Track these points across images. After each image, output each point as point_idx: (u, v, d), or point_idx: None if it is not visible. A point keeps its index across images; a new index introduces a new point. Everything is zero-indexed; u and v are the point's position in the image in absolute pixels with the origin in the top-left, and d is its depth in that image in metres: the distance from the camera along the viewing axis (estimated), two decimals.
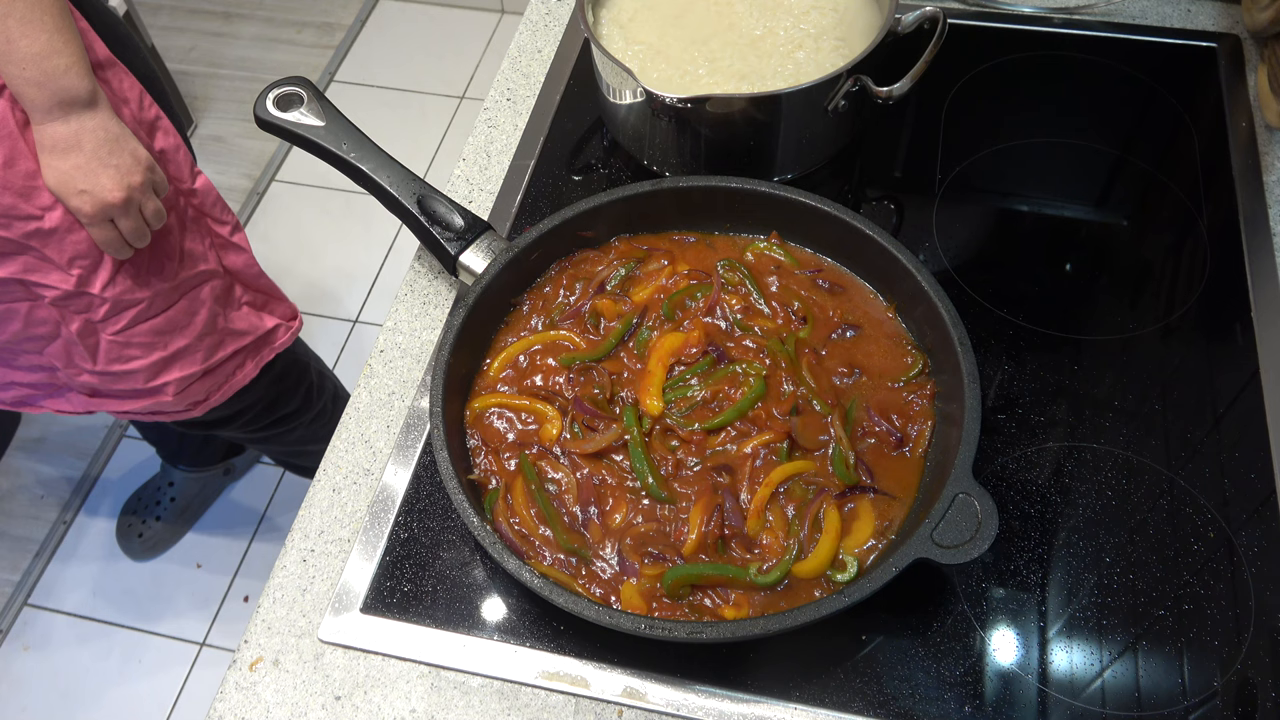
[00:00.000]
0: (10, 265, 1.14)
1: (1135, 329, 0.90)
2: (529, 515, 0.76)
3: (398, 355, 0.93)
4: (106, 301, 1.20)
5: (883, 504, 0.76)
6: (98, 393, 1.32)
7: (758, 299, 0.87)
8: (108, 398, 1.32)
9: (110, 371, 1.26)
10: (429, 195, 0.89)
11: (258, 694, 0.75)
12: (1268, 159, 1.01)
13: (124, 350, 1.25)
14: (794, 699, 0.72)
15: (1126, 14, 1.16)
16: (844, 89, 0.92)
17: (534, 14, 1.22)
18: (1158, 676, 0.72)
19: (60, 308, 1.19)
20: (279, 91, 0.92)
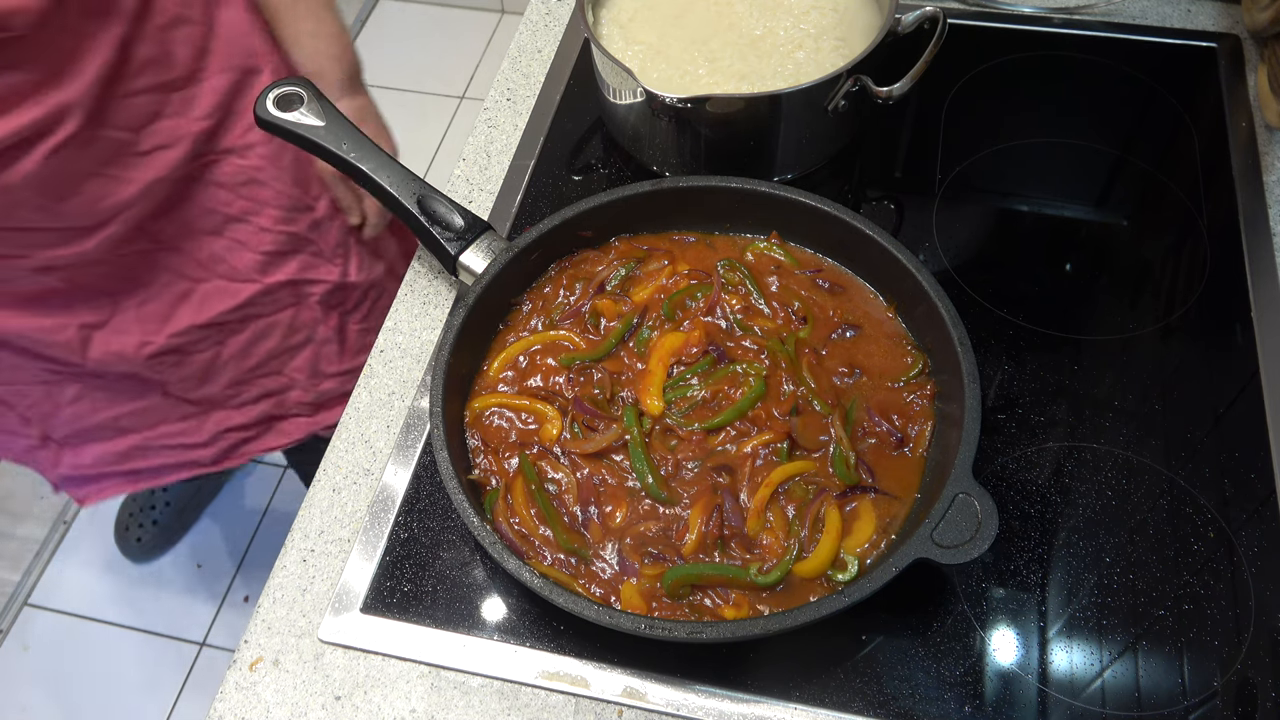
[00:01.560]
0: (289, 266, 1.16)
1: (1135, 329, 0.90)
2: (529, 515, 0.76)
3: (398, 355, 0.93)
4: (358, 287, 1.22)
5: (884, 504, 0.76)
6: (322, 405, 1.29)
7: (758, 299, 0.87)
8: (332, 407, 1.30)
9: (353, 367, 1.27)
10: (429, 195, 0.89)
11: (258, 694, 0.75)
12: (1268, 159, 1.01)
13: (365, 338, 1.28)
14: (794, 699, 0.72)
15: (1126, 14, 1.16)
16: (844, 89, 0.92)
17: (534, 14, 1.22)
18: (1158, 676, 0.72)
19: (324, 305, 1.21)
20: (279, 91, 0.92)
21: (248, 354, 1.21)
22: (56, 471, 1.22)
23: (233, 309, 1.15)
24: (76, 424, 1.15)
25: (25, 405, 1.11)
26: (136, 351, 1.10)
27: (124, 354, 1.10)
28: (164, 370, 1.15)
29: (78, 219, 0.99)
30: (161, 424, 1.21)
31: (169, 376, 1.16)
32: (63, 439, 1.16)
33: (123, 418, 1.18)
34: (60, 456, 1.19)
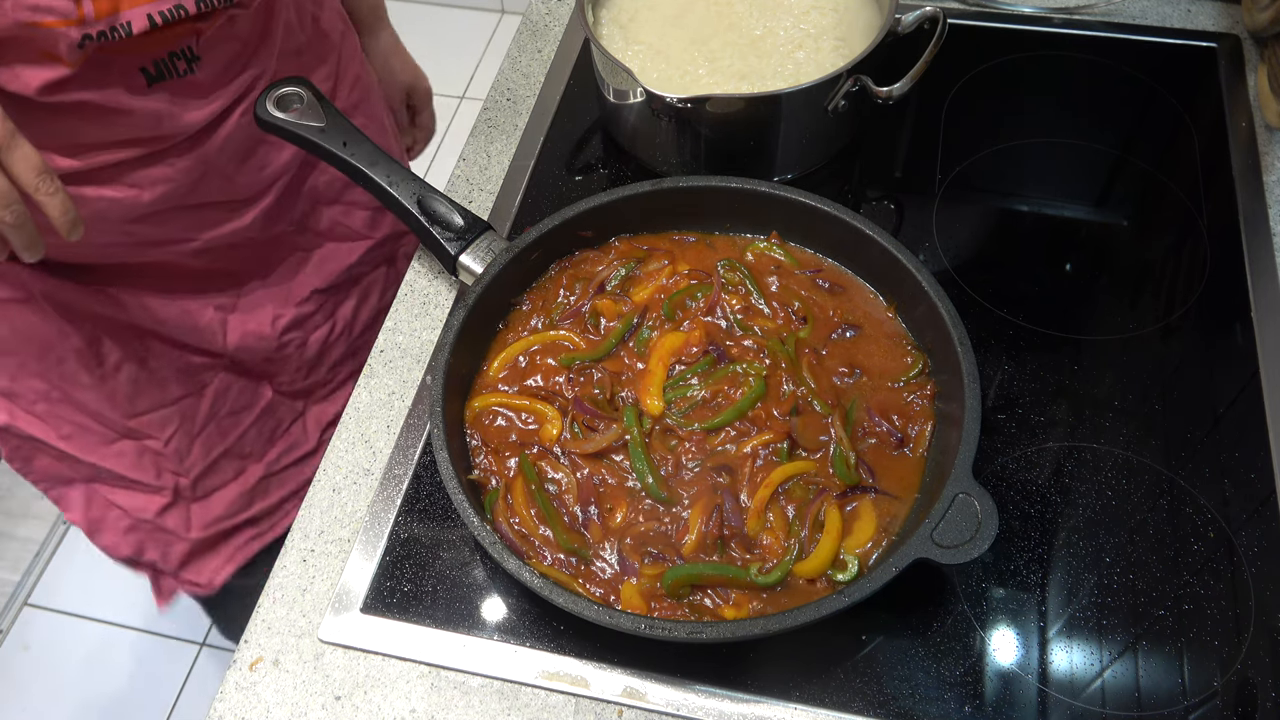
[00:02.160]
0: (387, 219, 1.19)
1: (1135, 329, 0.90)
2: (529, 515, 0.76)
3: (398, 355, 0.93)
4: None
5: (884, 504, 0.76)
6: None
7: (758, 299, 0.87)
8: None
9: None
10: (429, 195, 0.89)
11: (258, 694, 0.75)
12: (1268, 159, 1.01)
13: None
14: (794, 699, 0.72)
15: (1126, 14, 1.16)
16: (844, 89, 0.92)
17: (534, 14, 1.22)
18: (1158, 676, 0.72)
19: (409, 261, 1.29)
20: (279, 91, 0.92)
21: (354, 322, 1.22)
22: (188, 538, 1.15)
23: (346, 269, 1.18)
24: (208, 457, 1.13)
25: (164, 438, 1.08)
26: (271, 328, 1.12)
27: (260, 333, 1.11)
28: (287, 352, 1.16)
29: (245, 189, 1.01)
30: (278, 439, 1.20)
31: (288, 363, 1.17)
32: (194, 483, 1.13)
33: (246, 437, 1.17)
34: (191, 515, 1.14)
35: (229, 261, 1.07)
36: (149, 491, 1.10)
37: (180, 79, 0.87)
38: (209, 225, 1.01)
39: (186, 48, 0.86)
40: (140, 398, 1.06)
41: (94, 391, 1.02)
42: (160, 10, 0.80)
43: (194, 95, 0.90)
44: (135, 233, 0.96)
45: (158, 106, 0.87)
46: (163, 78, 0.86)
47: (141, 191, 0.92)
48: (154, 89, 0.86)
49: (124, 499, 1.10)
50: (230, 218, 1.02)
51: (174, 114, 0.88)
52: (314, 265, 1.15)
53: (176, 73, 0.87)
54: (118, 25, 0.78)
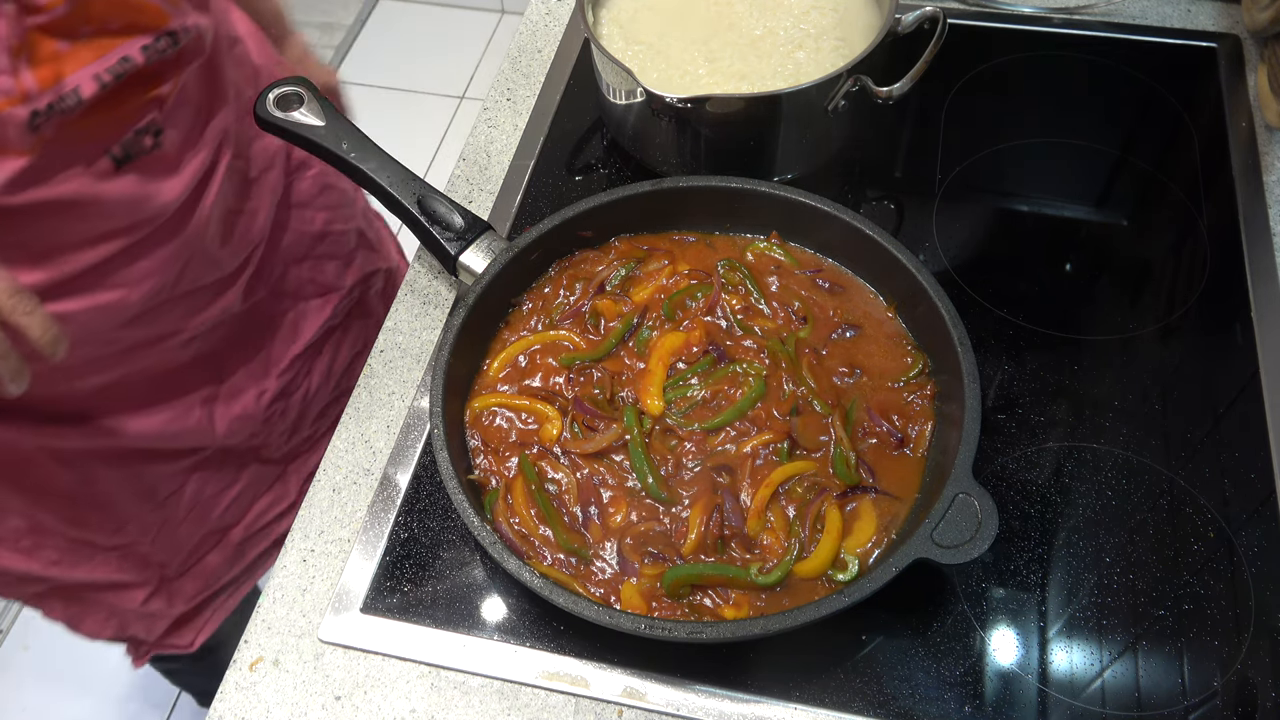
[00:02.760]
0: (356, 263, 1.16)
1: (1135, 329, 0.90)
2: (529, 515, 0.76)
3: (398, 355, 0.93)
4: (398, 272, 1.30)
5: (884, 504, 0.76)
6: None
7: (758, 299, 0.87)
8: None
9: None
10: (429, 195, 0.89)
11: (258, 694, 0.75)
12: (1268, 159, 1.01)
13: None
14: (794, 699, 0.72)
15: (1126, 14, 1.16)
16: (844, 89, 0.92)
17: (534, 14, 1.22)
18: (1158, 676, 0.72)
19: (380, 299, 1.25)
20: (279, 91, 0.92)
21: (331, 373, 1.18)
22: (170, 614, 1.13)
23: (321, 326, 1.13)
24: (190, 541, 1.10)
25: (146, 542, 1.05)
26: (256, 405, 1.07)
27: (247, 413, 1.07)
28: (272, 422, 1.12)
29: (228, 264, 0.97)
30: (257, 500, 1.17)
31: (274, 431, 1.13)
32: (178, 568, 1.10)
33: (228, 511, 1.13)
34: (174, 594, 1.12)
35: (213, 344, 1.02)
36: (133, 588, 1.07)
37: (148, 155, 0.83)
38: (197, 311, 0.96)
39: (150, 120, 0.82)
40: (128, 514, 1.02)
41: (83, 526, 0.99)
42: (107, 68, 0.75)
43: (165, 170, 0.85)
44: (123, 338, 0.91)
45: (131, 189, 0.82)
46: (130, 157, 0.81)
47: (129, 291, 0.87)
48: (123, 170, 0.81)
49: (108, 597, 1.07)
50: (217, 299, 0.98)
51: (149, 194, 0.84)
52: (288, 330, 1.11)
53: (143, 149, 0.82)
54: (65, 94, 0.73)
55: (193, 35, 0.82)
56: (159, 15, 0.78)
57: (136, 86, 0.80)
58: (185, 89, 0.86)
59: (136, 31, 0.77)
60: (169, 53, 0.80)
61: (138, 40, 0.77)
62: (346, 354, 1.20)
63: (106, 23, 0.75)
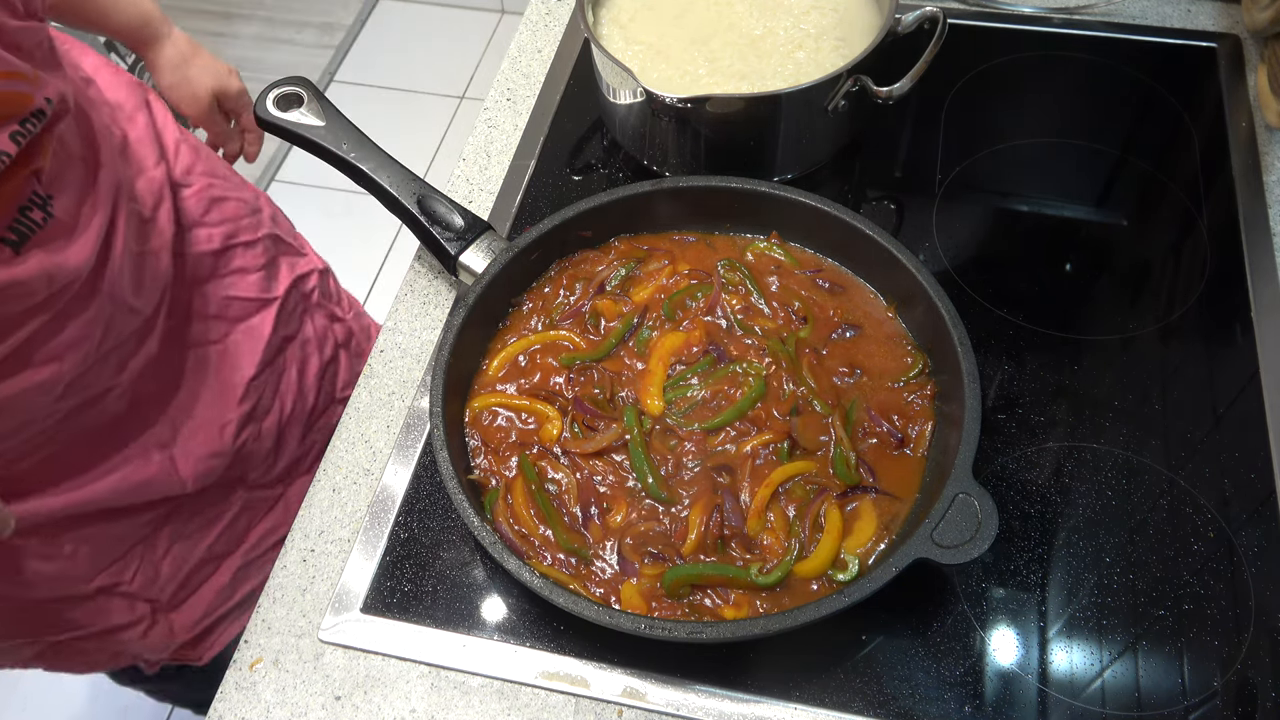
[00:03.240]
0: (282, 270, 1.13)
1: (1135, 329, 0.90)
2: (529, 515, 0.76)
3: (398, 355, 0.93)
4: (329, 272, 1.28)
5: (884, 504, 0.76)
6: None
7: (758, 299, 0.87)
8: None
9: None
10: (429, 195, 0.89)
11: (258, 694, 0.75)
12: (1268, 159, 1.01)
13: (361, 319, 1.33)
14: (794, 699, 0.72)
15: (1126, 14, 1.16)
16: (844, 89, 0.92)
17: (534, 14, 1.22)
18: (1158, 676, 0.72)
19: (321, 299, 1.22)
20: (279, 91, 0.92)
21: (303, 388, 1.14)
22: (172, 643, 1.10)
23: (266, 343, 1.09)
24: (179, 573, 1.06)
25: (128, 580, 1.01)
26: (221, 439, 1.03)
27: (213, 450, 1.03)
28: (247, 451, 1.07)
29: (145, 308, 0.93)
30: (255, 526, 1.13)
31: (252, 459, 1.09)
32: (171, 599, 1.07)
33: (219, 540, 1.09)
34: (173, 623, 1.09)
35: (149, 389, 0.97)
36: (128, 627, 1.05)
37: (43, 229, 0.78)
38: (125, 361, 0.93)
39: (34, 194, 0.77)
40: (100, 561, 0.99)
41: (57, 583, 0.96)
42: None
43: (65, 236, 0.81)
44: (59, 409, 0.87)
45: (39, 267, 0.78)
46: (26, 236, 0.77)
47: (59, 364, 0.83)
48: (25, 252, 0.76)
49: (104, 642, 1.05)
50: (140, 345, 0.94)
51: (58, 265, 0.79)
52: (232, 357, 1.06)
53: (36, 225, 0.77)
54: None
55: (57, 103, 0.77)
56: (22, 100, 0.73)
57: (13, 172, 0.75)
58: (61, 151, 0.81)
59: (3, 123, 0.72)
60: (39, 130, 0.75)
61: (5, 130, 0.72)
62: (316, 362, 1.16)
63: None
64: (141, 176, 0.96)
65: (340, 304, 1.26)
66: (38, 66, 0.76)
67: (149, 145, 0.99)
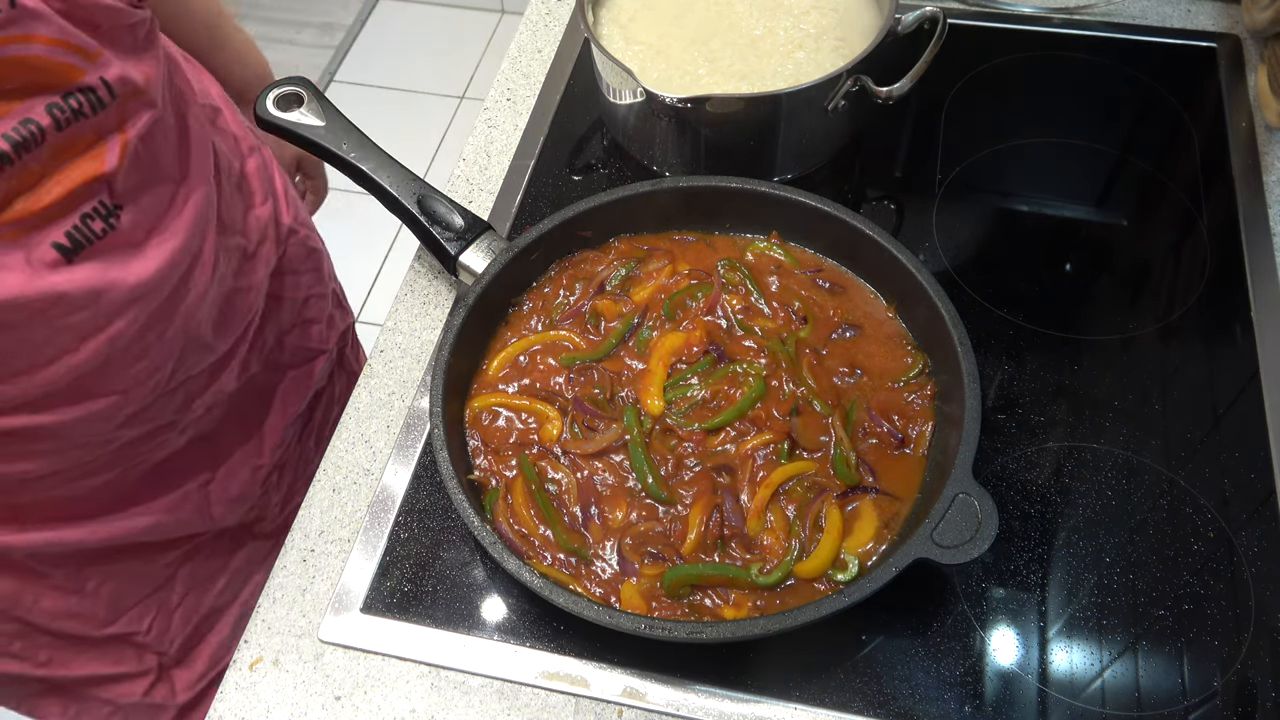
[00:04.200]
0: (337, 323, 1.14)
1: (1135, 329, 0.90)
2: (529, 515, 0.76)
3: (398, 355, 0.93)
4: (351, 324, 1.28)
5: (885, 504, 0.76)
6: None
7: (758, 299, 0.87)
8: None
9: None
10: (429, 195, 0.89)
11: (258, 694, 0.75)
12: (1268, 159, 1.01)
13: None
14: (794, 699, 0.72)
15: (1126, 14, 1.16)
16: (844, 89, 0.92)
17: (534, 14, 1.22)
18: (1158, 676, 0.72)
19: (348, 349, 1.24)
20: (279, 91, 0.92)
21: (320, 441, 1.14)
22: (174, 704, 1.07)
23: (310, 390, 1.09)
24: (188, 625, 1.05)
25: (143, 630, 1.00)
26: (252, 482, 1.02)
27: (244, 493, 1.02)
28: (269, 495, 1.07)
29: (221, 345, 0.91)
30: (253, 576, 1.11)
31: (269, 503, 1.09)
32: (176, 654, 1.05)
33: (224, 590, 1.07)
34: (174, 681, 1.06)
35: (208, 427, 0.96)
36: (133, 679, 1.03)
37: (103, 239, 0.74)
38: (193, 398, 0.91)
39: (100, 203, 0.73)
40: (120, 604, 0.97)
41: (74, 620, 0.94)
42: (4, 134, 0.65)
43: (128, 250, 0.76)
44: (120, 437, 0.85)
45: (88, 278, 0.73)
46: (81, 246, 0.72)
47: (123, 397, 0.81)
48: (77, 263, 0.72)
49: (107, 692, 1.02)
50: (212, 382, 0.92)
51: (112, 280, 0.75)
52: (280, 402, 1.06)
53: (95, 235, 0.73)
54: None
55: (123, 89, 0.72)
56: (67, 72, 0.68)
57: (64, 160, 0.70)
58: (143, 160, 0.76)
59: (39, 91, 0.67)
60: (92, 112, 0.70)
61: (41, 100, 0.67)
62: (335, 413, 1.17)
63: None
64: (250, 212, 0.96)
65: (357, 357, 1.28)
66: (116, 50, 0.72)
67: (259, 182, 1.00)
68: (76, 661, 0.98)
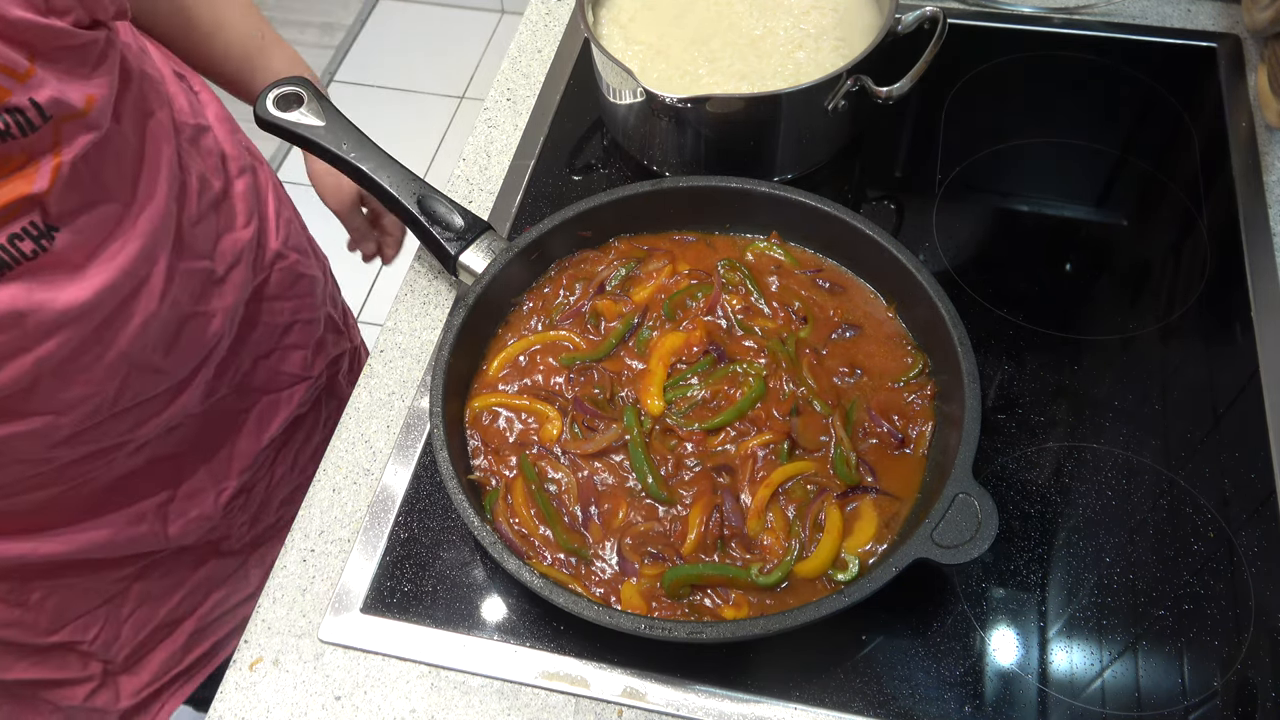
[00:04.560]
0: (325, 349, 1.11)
1: (1135, 329, 0.90)
2: (529, 515, 0.76)
3: (398, 355, 0.93)
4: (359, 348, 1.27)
5: (885, 504, 0.76)
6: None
7: (758, 299, 0.87)
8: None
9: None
10: (429, 195, 0.89)
11: (258, 694, 0.75)
12: (1268, 159, 1.01)
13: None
14: (794, 699, 0.72)
15: (1126, 14, 1.16)
16: (844, 89, 0.92)
17: (534, 14, 1.22)
18: (1158, 676, 0.72)
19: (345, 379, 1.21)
20: (279, 91, 0.92)
21: (298, 461, 1.12)
22: (117, 709, 1.06)
23: (288, 417, 1.07)
24: (138, 636, 1.03)
25: (88, 640, 0.98)
26: (214, 505, 1.01)
27: (204, 514, 1.00)
28: (232, 516, 1.05)
29: (180, 371, 0.89)
30: (213, 592, 1.10)
31: (234, 524, 1.07)
32: (124, 661, 1.03)
33: (181, 604, 1.06)
34: (119, 688, 1.05)
35: (169, 448, 0.94)
36: (74, 684, 1.01)
37: (31, 260, 0.71)
38: (147, 419, 0.88)
39: (31, 223, 0.70)
40: (65, 615, 0.96)
41: (14, 629, 0.93)
42: None
43: (63, 273, 0.74)
44: (59, 456, 0.82)
45: (11, 299, 0.71)
46: (7, 266, 0.70)
47: (57, 416, 0.78)
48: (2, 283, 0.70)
49: (48, 694, 1.01)
50: (169, 405, 0.90)
51: (40, 302, 0.72)
52: (253, 425, 1.04)
53: (23, 256, 0.70)
54: None
55: (57, 110, 0.69)
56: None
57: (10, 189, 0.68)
58: (82, 181, 0.74)
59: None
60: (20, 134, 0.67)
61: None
62: (316, 439, 1.15)
63: None
64: (226, 235, 0.93)
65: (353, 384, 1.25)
66: (54, 70, 0.69)
67: (245, 204, 0.97)
68: (17, 666, 0.96)
